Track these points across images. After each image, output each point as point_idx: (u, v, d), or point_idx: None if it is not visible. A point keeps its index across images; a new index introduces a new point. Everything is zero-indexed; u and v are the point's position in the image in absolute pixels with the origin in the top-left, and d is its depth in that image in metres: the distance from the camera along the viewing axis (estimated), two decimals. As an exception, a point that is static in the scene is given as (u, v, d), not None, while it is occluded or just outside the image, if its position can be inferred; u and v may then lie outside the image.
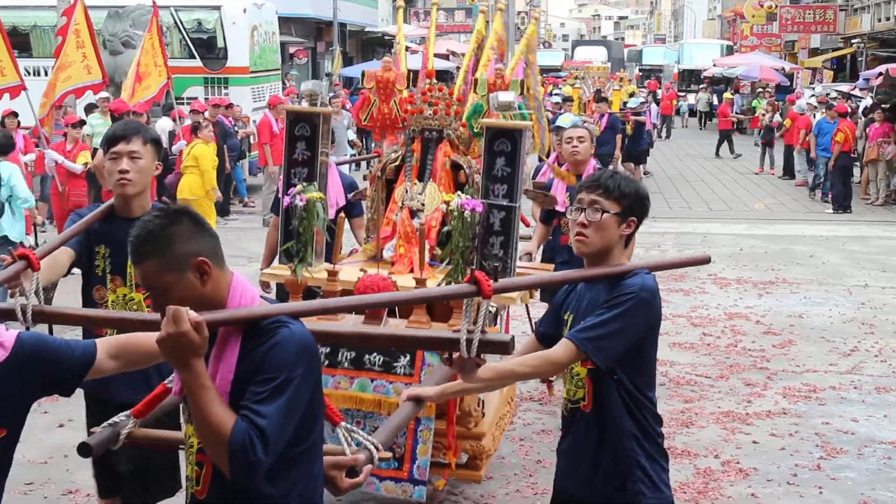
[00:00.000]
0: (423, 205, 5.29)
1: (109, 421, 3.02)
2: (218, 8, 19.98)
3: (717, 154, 26.25)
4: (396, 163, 5.57)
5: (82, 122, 11.78)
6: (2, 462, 2.87)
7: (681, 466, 5.90)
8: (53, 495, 5.46)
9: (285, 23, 29.22)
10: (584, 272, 3.28)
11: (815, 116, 20.28)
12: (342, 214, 5.67)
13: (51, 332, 3.71)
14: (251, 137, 17.12)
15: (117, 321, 3.31)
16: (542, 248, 7.05)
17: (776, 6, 42.21)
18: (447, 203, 4.96)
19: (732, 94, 32.78)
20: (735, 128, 29.25)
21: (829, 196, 17.55)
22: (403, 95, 5.69)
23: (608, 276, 3.21)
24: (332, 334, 3.19)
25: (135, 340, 3.01)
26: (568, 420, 3.36)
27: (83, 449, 2.92)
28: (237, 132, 16.22)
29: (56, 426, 6.51)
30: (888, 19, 33.52)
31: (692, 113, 39.36)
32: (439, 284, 4.76)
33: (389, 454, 3.66)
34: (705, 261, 3.60)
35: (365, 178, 5.73)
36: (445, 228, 4.98)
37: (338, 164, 6.32)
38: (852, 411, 6.95)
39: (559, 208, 6.39)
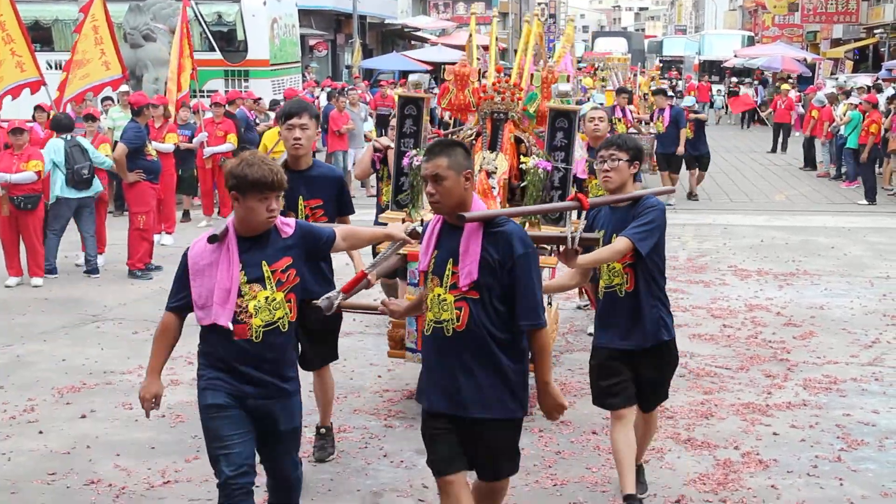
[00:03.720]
0: (496, 168, 6.80)
1: (326, 295, 4.61)
2: (238, 1, 20.09)
3: (782, 149, 25.55)
4: (471, 137, 7.16)
5: (93, 117, 11.83)
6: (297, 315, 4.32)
7: (700, 458, 5.95)
8: (76, 485, 5.53)
9: (305, 15, 29.31)
10: (622, 196, 5.06)
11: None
12: None
13: None
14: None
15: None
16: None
17: (798, -4, 41.95)
18: (524, 164, 6.73)
19: (793, 85, 31.53)
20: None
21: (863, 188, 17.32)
22: (475, 86, 7.22)
23: (633, 198, 5.04)
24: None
25: (357, 231, 4.90)
26: (606, 300, 5.12)
27: (315, 309, 4.57)
28: (258, 125, 16.27)
29: (79, 417, 6.62)
30: (911, 9, 33.24)
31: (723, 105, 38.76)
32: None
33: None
34: (671, 191, 6.99)
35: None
36: (522, 184, 6.80)
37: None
38: (873, 403, 6.93)
39: (580, 175, 8.15)
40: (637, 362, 5.07)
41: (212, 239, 4.18)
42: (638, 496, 5.11)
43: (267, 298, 4.16)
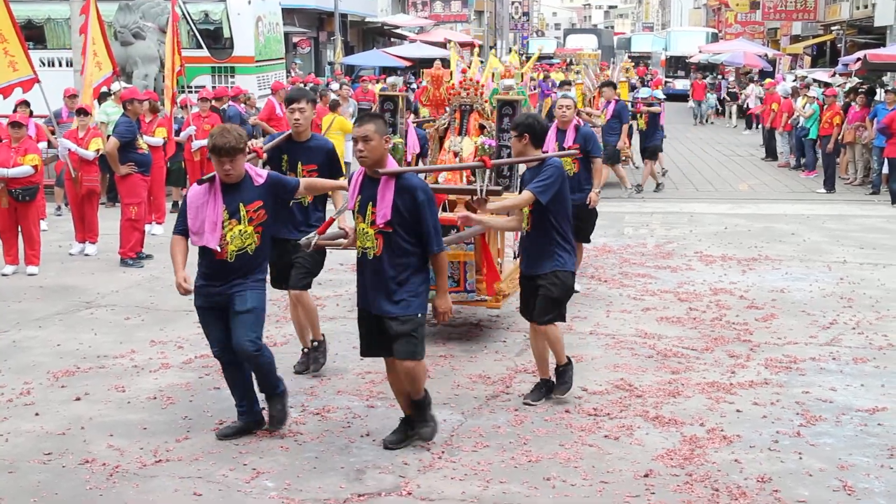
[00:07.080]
0: (462, 148, 8.40)
1: (308, 235, 6.07)
2: (224, 0, 20.25)
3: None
4: (445, 125, 8.74)
5: (85, 111, 11.85)
6: (264, 242, 5.83)
7: (668, 434, 6.07)
8: (71, 464, 5.61)
9: (288, 13, 29.46)
10: (532, 157, 6.52)
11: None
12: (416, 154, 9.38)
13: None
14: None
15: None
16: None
17: (759, -6, 42.47)
18: (476, 142, 8.27)
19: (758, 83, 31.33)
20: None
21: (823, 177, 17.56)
22: (448, 84, 8.72)
23: (538, 160, 6.47)
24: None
25: (317, 181, 6.50)
26: (521, 237, 6.89)
27: (300, 245, 6.16)
28: (249, 118, 16.42)
29: (73, 399, 6.70)
30: (866, 7, 33.68)
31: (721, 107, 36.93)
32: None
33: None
34: (573, 154, 8.64)
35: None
36: (476, 157, 8.11)
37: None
38: (831, 381, 7.10)
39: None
40: (538, 285, 6.48)
41: (199, 181, 5.76)
42: (550, 380, 6.71)
43: (240, 231, 5.69)
